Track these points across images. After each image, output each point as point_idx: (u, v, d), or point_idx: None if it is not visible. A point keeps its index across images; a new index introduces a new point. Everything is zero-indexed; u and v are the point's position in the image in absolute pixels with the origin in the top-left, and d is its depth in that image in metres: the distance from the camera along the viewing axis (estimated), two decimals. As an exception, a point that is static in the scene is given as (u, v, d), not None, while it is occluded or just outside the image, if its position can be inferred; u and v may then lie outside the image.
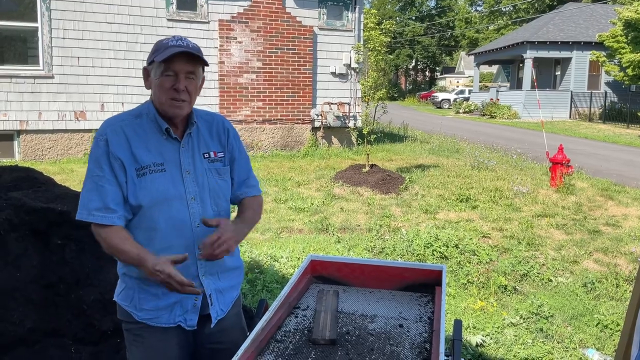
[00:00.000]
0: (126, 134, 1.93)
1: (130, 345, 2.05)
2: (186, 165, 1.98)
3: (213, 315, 2.05)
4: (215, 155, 2.06)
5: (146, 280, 1.94)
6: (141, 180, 1.91)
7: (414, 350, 1.83)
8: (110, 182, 1.89)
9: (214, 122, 2.12)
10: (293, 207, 7.57)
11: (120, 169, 1.89)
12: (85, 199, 1.91)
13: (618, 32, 23.07)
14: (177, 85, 1.90)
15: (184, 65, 1.91)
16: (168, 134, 1.97)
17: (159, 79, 1.92)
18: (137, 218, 1.94)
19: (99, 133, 1.94)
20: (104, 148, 1.90)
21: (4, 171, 3.77)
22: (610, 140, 18.88)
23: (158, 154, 1.95)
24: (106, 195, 1.88)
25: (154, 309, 1.98)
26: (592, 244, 6.53)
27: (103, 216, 1.88)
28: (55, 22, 10.03)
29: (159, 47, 1.93)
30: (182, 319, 2.01)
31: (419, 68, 69.74)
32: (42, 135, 10.17)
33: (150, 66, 1.96)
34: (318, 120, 12.30)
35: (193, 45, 1.93)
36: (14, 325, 2.76)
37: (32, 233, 3.02)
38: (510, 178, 9.70)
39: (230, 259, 2.10)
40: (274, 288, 4.77)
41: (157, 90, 1.94)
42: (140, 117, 1.99)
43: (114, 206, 1.89)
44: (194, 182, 1.99)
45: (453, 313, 4.65)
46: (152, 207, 1.92)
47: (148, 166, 1.92)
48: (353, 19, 12.44)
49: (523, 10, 50.99)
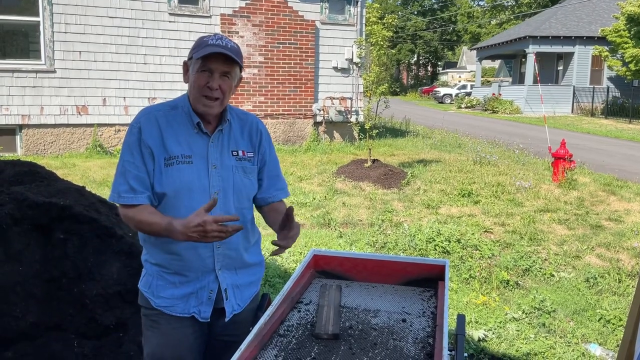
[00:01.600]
0: (159, 124, 1.98)
1: (146, 330, 2.09)
2: (213, 160, 2.01)
3: (228, 310, 2.07)
4: (244, 154, 2.09)
5: (165, 267, 2.01)
6: (168, 169, 1.96)
7: (417, 345, 1.83)
8: (139, 168, 1.95)
9: (248, 122, 2.15)
10: (295, 201, 7.56)
11: (149, 156, 1.95)
12: (116, 182, 1.98)
13: (621, 26, 23.01)
14: (211, 83, 1.94)
15: (220, 65, 1.94)
16: (199, 128, 2.01)
17: (195, 74, 1.96)
18: (161, 207, 1.98)
19: (135, 121, 2.00)
20: (137, 135, 1.97)
21: (7, 166, 3.76)
22: (613, 135, 18.83)
23: (187, 146, 1.99)
24: (134, 178, 1.95)
25: (170, 297, 2.03)
26: (595, 239, 6.52)
27: (132, 197, 1.95)
28: (57, 17, 10.01)
29: (199, 44, 1.97)
30: (196, 310, 2.04)
31: (421, 63, 69.58)
32: (44, 130, 10.17)
33: (189, 61, 1.99)
34: (320, 115, 12.28)
35: (232, 46, 1.96)
36: (17, 319, 2.76)
37: (34, 227, 3.02)
38: (512, 173, 9.68)
39: (250, 254, 2.14)
40: (276, 282, 4.78)
41: (192, 85, 1.98)
42: (176, 108, 2.03)
43: (142, 188, 1.95)
44: (219, 177, 2.01)
45: (455, 308, 4.65)
46: (176, 196, 1.96)
47: (176, 157, 1.97)
48: (355, 13, 12.40)
49: (525, 4, 50.77)
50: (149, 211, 1.94)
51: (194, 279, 2.02)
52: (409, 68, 69.29)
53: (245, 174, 2.07)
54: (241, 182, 2.06)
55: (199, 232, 1.79)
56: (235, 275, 2.08)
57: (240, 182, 2.05)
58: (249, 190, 2.10)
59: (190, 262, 2.00)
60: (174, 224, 1.84)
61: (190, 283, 2.02)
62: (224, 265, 2.04)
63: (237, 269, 2.09)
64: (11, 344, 2.73)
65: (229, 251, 2.04)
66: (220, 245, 2.01)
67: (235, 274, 2.08)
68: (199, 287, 2.02)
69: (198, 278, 2.02)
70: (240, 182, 2.05)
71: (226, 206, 2.01)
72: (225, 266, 2.05)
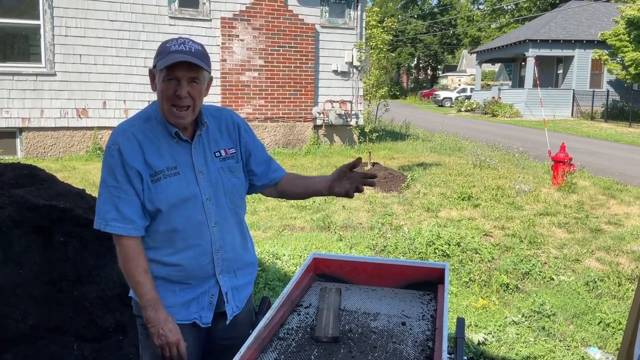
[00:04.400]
0: (138, 140, 1.91)
1: (145, 339, 2.04)
2: (199, 166, 1.97)
3: (229, 312, 2.06)
4: (227, 152, 2.05)
5: (165, 278, 1.97)
6: (156, 185, 1.90)
7: (416, 348, 1.83)
8: (126, 192, 1.89)
9: (223, 117, 2.09)
10: (295, 205, 7.56)
11: (136, 177, 1.89)
12: (102, 210, 1.90)
13: (621, 30, 23.03)
14: (179, 91, 1.86)
15: (186, 72, 1.85)
16: (178, 137, 1.95)
17: (161, 84, 1.88)
18: (157, 222, 1.94)
19: (111, 142, 1.91)
20: (118, 158, 1.88)
21: (7, 168, 3.76)
22: (613, 138, 18.84)
23: (170, 158, 1.94)
24: (123, 205, 1.88)
25: (170, 306, 1.97)
26: (594, 243, 6.52)
27: (121, 227, 1.89)
28: (57, 20, 10.03)
29: (162, 51, 1.88)
30: (197, 316, 2.02)
31: (421, 66, 69.65)
32: (44, 133, 10.18)
33: (154, 69, 1.91)
34: (320, 118, 12.29)
35: (196, 50, 1.87)
36: (16, 321, 2.76)
37: (34, 230, 3.03)
38: (512, 176, 9.68)
39: (248, 254, 2.14)
40: (276, 286, 4.77)
41: (160, 95, 1.90)
42: (150, 120, 1.96)
43: (132, 216, 1.89)
44: (208, 183, 1.98)
45: (455, 311, 4.65)
46: (170, 210, 1.92)
47: (162, 171, 1.91)
48: (355, 16, 12.42)
49: (525, 8, 50.86)
50: (144, 268, 1.91)
51: (195, 285, 2.00)
52: (409, 71, 69.35)
53: (232, 174, 2.05)
54: (230, 183, 2.03)
55: (162, 340, 1.88)
56: (234, 277, 2.07)
57: (229, 182, 2.03)
58: (238, 189, 2.08)
59: (192, 271, 1.97)
60: (158, 309, 1.89)
61: (191, 290, 1.99)
62: (224, 268, 2.03)
63: (236, 270, 2.07)
64: (11, 346, 2.73)
65: (228, 253, 2.02)
66: (219, 249, 1.99)
67: (234, 277, 2.07)
68: (200, 292, 1.99)
69: (199, 284, 2.00)
70: (229, 183, 2.03)
71: (220, 210, 2.00)
72: (225, 269, 2.03)
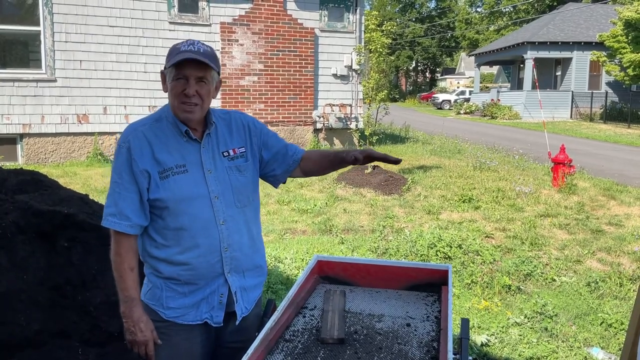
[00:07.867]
0: (148, 139, 1.96)
1: None
2: (208, 165, 2.01)
3: (238, 312, 2.07)
4: (235, 152, 2.08)
5: (175, 279, 2.00)
6: (164, 182, 1.94)
7: (422, 349, 1.84)
8: (128, 189, 1.93)
9: (232, 119, 2.14)
10: (296, 208, 7.58)
11: (142, 175, 1.94)
12: (105, 204, 1.99)
13: (618, 32, 23.09)
14: (187, 90, 1.92)
15: (195, 71, 1.92)
16: (188, 136, 2.00)
17: (171, 83, 1.95)
18: (164, 220, 1.97)
19: (122, 140, 1.97)
20: (125, 155, 1.94)
21: (10, 174, 3.77)
22: (612, 140, 18.87)
23: (179, 155, 1.98)
24: (122, 201, 1.93)
25: (180, 307, 2.01)
26: (595, 244, 6.53)
27: (116, 222, 1.93)
28: (57, 26, 10.05)
29: (172, 51, 1.96)
30: (208, 315, 2.04)
31: (420, 69, 69.75)
32: (45, 139, 10.19)
33: (166, 70, 1.98)
34: (320, 121, 12.31)
35: (204, 50, 1.94)
36: (21, 327, 2.76)
37: (38, 235, 3.03)
38: (512, 178, 9.70)
39: (257, 256, 2.15)
40: (278, 289, 4.78)
41: (170, 94, 1.97)
42: (161, 120, 2.02)
43: (129, 213, 1.93)
44: (216, 181, 2.01)
45: (458, 313, 4.66)
46: (177, 207, 1.95)
47: (171, 168, 1.96)
48: (354, 20, 12.45)
49: (523, 10, 50.99)
50: (130, 265, 1.96)
51: (204, 285, 2.02)
52: (408, 74, 69.43)
53: (241, 173, 2.08)
54: (238, 182, 2.06)
55: (132, 337, 1.97)
56: (243, 278, 2.09)
57: (237, 181, 2.05)
58: (247, 187, 2.10)
59: (201, 270, 1.99)
60: (134, 307, 1.95)
61: (200, 290, 2.01)
62: (232, 268, 2.04)
63: (244, 271, 2.09)
64: (16, 351, 2.73)
65: (236, 252, 2.04)
66: (228, 248, 2.01)
67: (243, 277, 2.09)
68: (209, 292, 2.02)
69: (208, 284, 2.02)
70: (237, 182, 2.06)
71: (228, 208, 2.02)
72: (233, 269, 2.05)
